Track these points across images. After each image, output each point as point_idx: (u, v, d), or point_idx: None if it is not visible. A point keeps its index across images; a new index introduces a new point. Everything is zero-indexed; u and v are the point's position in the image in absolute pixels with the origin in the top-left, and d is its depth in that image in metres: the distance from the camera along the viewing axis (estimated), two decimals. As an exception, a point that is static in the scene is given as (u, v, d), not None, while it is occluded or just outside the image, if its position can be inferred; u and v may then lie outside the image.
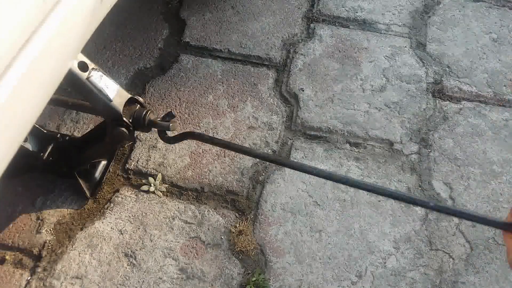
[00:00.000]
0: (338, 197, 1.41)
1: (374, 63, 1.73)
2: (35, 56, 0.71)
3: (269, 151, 1.50)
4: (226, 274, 1.28)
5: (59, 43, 0.79)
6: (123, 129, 1.14)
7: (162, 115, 1.15)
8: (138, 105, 1.18)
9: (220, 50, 1.78)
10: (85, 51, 1.10)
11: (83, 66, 1.06)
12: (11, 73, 0.67)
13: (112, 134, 1.16)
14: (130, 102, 1.16)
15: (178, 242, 1.33)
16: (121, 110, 1.12)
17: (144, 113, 1.15)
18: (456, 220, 1.37)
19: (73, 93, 1.17)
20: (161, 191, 1.42)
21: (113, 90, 1.11)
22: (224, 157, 1.49)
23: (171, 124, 1.12)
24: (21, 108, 0.72)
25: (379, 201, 1.41)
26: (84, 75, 1.05)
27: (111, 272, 1.28)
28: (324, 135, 1.55)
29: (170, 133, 1.15)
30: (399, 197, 0.86)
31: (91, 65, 1.07)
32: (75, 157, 1.36)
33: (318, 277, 1.28)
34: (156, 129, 1.17)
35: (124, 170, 1.47)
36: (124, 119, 1.13)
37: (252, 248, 1.32)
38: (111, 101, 1.10)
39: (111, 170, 1.46)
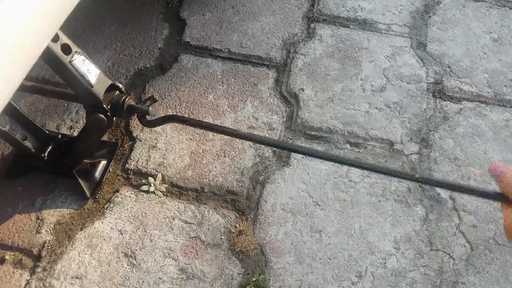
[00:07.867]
0: (338, 197, 1.41)
1: (375, 63, 1.73)
2: None
3: (269, 151, 1.50)
4: (226, 274, 1.28)
5: (26, 17, 0.71)
6: (101, 115, 1.12)
7: (144, 99, 1.13)
8: (118, 91, 1.15)
9: (220, 50, 1.77)
10: (86, 51, 1.10)
11: (66, 49, 1.02)
12: None
13: (90, 120, 1.14)
14: (110, 88, 1.13)
15: (178, 242, 1.33)
16: (102, 96, 1.09)
17: (123, 99, 1.12)
18: (456, 220, 1.37)
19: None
20: (161, 191, 1.42)
21: (95, 76, 1.08)
22: (224, 157, 1.49)
23: (151, 108, 1.09)
24: None
25: (379, 201, 1.40)
26: (67, 58, 1.02)
27: (111, 272, 1.28)
28: (324, 135, 1.55)
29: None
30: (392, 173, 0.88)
31: (74, 47, 1.04)
32: (70, 155, 1.35)
33: (318, 277, 1.28)
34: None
35: (124, 170, 1.47)
36: (104, 105, 1.10)
37: (252, 248, 1.32)
38: (92, 86, 1.07)
39: (111, 170, 1.46)
